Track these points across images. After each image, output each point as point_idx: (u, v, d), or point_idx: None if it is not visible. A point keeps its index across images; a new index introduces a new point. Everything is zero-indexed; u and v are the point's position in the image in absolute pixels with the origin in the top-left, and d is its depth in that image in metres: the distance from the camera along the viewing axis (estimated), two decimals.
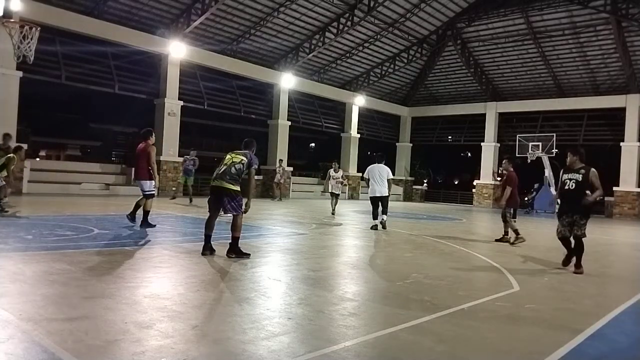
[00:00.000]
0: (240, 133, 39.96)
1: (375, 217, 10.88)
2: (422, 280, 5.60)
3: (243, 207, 6.37)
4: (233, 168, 6.27)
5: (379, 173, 10.81)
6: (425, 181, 32.43)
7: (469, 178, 38.25)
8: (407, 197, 30.39)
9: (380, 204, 10.85)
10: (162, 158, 18.57)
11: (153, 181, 8.83)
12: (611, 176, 24.25)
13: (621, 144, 22.77)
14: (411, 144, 30.74)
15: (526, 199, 25.03)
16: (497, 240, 9.99)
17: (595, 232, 14.36)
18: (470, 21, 23.51)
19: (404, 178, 30.53)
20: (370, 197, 10.94)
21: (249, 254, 6.40)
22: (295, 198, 23.46)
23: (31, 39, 12.06)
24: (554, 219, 21.32)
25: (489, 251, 8.83)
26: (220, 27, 20.11)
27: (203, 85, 21.19)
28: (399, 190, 30.21)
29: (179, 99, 19.43)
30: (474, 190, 28.03)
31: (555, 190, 23.54)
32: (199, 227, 9.75)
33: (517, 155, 24.95)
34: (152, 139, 9.01)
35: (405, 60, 25.88)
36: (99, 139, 40.32)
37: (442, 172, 44.90)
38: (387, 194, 10.85)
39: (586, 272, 6.95)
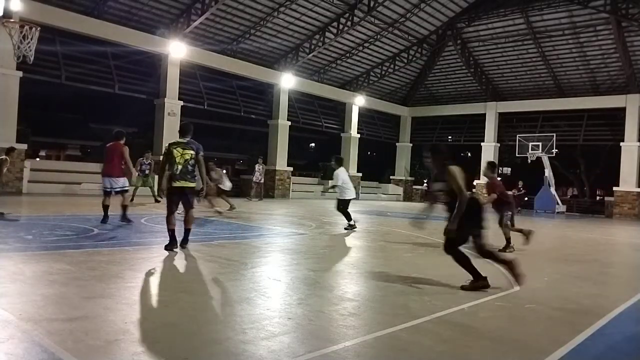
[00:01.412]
0: (240, 133, 40.06)
1: (351, 217, 10.69)
2: (422, 280, 5.60)
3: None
4: (188, 166, 6.48)
5: (348, 176, 10.88)
6: (425, 181, 32.43)
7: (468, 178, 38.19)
8: (407, 197, 30.40)
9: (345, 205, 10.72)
10: (161, 158, 18.58)
11: (125, 177, 9.16)
12: (611, 176, 24.31)
13: (621, 144, 22.76)
14: (411, 144, 30.74)
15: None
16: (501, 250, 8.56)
17: (596, 232, 14.38)
18: (470, 21, 23.51)
19: (404, 178, 30.55)
20: (348, 200, 10.73)
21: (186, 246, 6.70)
22: (296, 198, 23.46)
23: (31, 39, 12.06)
24: (554, 219, 21.33)
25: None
26: (220, 27, 20.12)
27: (203, 85, 21.20)
28: (399, 190, 30.24)
29: (179, 99, 19.43)
30: (473, 190, 28.01)
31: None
32: (198, 227, 9.76)
33: (517, 155, 25.01)
34: (124, 140, 9.22)
35: (405, 60, 25.88)
36: (99, 139, 40.27)
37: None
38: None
39: (586, 272, 6.95)
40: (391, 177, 31.06)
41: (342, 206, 10.72)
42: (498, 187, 8.72)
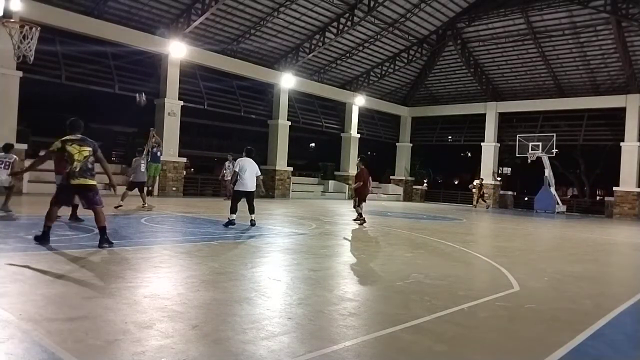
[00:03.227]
0: (240, 133, 40.07)
1: (234, 211, 9.87)
2: (422, 280, 5.60)
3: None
4: (88, 163, 6.35)
5: (250, 168, 10.11)
6: (425, 181, 32.48)
7: (469, 178, 38.29)
8: (407, 197, 30.41)
9: (246, 200, 10.15)
10: (162, 158, 18.58)
11: None
12: (611, 176, 24.32)
13: (621, 144, 22.77)
14: (411, 144, 30.76)
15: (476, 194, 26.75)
16: (354, 220, 12.11)
17: (596, 232, 14.38)
18: (470, 21, 23.51)
19: (404, 178, 30.56)
20: (238, 191, 10.07)
21: (113, 243, 6.52)
22: (296, 198, 23.47)
23: (31, 39, 12.03)
24: (554, 219, 21.37)
25: (489, 251, 8.83)
26: (220, 27, 20.12)
27: (203, 85, 21.20)
28: (399, 190, 30.25)
29: (179, 99, 19.44)
30: (474, 190, 28.05)
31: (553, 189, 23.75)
32: (199, 227, 9.76)
33: (517, 155, 25.01)
34: None
35: (405, 60, 25.89)
36: (99, 139, 40.18)
37: (442, 172, 44.88)
38: (254, 190, 10.31)
39: (586, 272, 6.94)
40: (391, 177, 31.08)
41: (237, 197, 10.06)
42: (363, 176, 12.02)
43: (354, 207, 12.39)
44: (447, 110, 28.77)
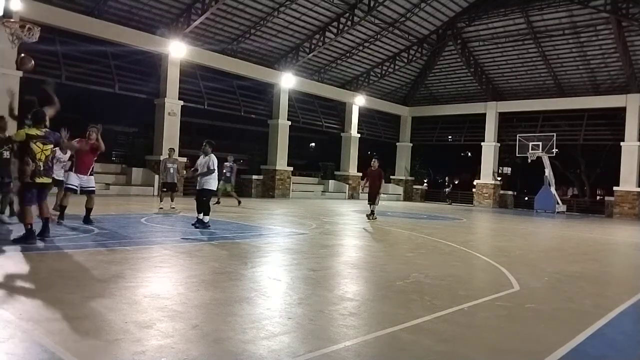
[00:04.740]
0: (241, 133, 40.11)
1: (202, 211, 9.40)
2: (422, 280, 5.60)
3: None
4: (49, 162, 6.53)
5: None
6: (425, 181, 32.49)
7: (469, 178, 38.32)
8: (407, 196, 30.41)
9: (203, 196, 9.48)
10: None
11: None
12: (611, 176, 24.32)
13: (621, 143, 22.77)
14: (411, 144, 30.77)
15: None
16: (368, 217, 13.38)
17: (596, 232, 14.38)
18: (471, 21, 23.51)
19: (404, 178, 30.56)
20: (213, 190, 9.67)
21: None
22: (296, 198, 23.47)
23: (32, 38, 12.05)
24: (554, 218, 21.35)
25: (489, 251, 8.83)
26: (220, 27, 20.12)
27: (203, 85, 21.20)
28: (399, 190, 30.24)
29: (179, 98, 19.44)
30: (474, 190, 28.08)
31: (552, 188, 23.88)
32: (199, 227, 9.75)
33: (517, 155, 25.02)
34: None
35: (406, 60, 25.88)
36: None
37: (442, 172, 44.89)
38: None
39: (586, 272, 6.95)
40: (391, 176, 31.08)
41: (205, 197, 9.43)
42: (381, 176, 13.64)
43: (376, 203, 13.52)
44: (447, 110, 28.76)
